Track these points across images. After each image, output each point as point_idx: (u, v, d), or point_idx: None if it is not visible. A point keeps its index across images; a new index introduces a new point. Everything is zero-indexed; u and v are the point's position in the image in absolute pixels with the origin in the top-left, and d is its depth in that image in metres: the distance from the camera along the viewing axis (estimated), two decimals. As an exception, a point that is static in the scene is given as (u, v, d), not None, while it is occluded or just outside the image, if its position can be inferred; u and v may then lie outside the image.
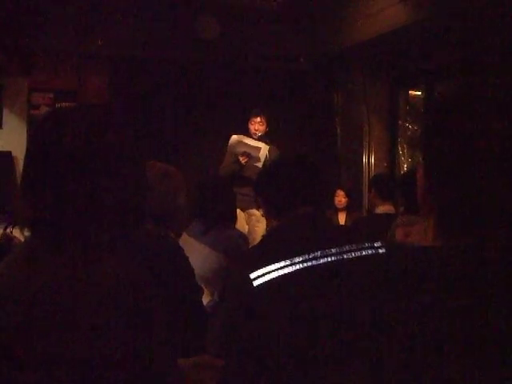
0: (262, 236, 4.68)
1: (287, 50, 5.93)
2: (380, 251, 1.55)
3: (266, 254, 1.57)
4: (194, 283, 2.08)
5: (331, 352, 0.54)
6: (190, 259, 2.08)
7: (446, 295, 0.54)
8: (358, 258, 1.46)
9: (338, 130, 6.29)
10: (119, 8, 5.34)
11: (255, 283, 1.47)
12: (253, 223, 5.03)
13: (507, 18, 3.69)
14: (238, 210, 3.85)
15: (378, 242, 1.58)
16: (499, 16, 3.75)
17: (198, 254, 2.65)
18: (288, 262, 1.48)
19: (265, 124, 5.11)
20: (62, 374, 0.90)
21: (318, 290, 1.22)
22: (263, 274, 1.47)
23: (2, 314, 0.93)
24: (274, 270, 1.47)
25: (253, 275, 1.48)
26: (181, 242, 2.36)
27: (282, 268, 1.47)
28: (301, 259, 1.47)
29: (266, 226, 4.97)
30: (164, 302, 1.02)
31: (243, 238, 3.04)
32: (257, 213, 5.02)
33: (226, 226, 2.92)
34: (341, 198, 5.51)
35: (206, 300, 2.54)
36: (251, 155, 4.95)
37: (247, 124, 5.14)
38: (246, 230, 4.80)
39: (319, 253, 1.49)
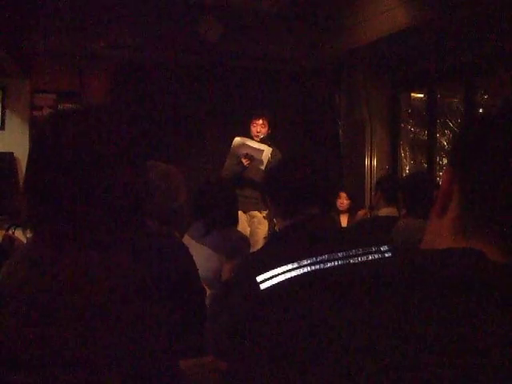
0: (269, 237, 4.68)
1: (289, 53, 5.93)
2: (386, 255, 1.54)
3: (274, 256, 1.56)
4: (198, 283, 2.08)
5: (336, 356, 0.53)
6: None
7: (452, 300, 0.53)
8: (363, 262, 1.45)
9: (340, 133, 6.29)
10: (121, 9, 5.35)
11: (262, 286, 1.46)
12: (255, 225, 5.03)
13: (509, 19, 3.69)
14: (240, 212, 3.85)
15: (384, 245, 1.57)
16: (502, 18, 3.75)
17: (199, 255, 2.64)
18: (296, 265, 1.46)
19: (267, 126, 5.10)
20: (61, 374, 0.89)
21: (323, 295, 1.22)
22: (270, 277, 1.46)
23: (4, 314, 0.93)
24: (281, 273, 1.45)
25: (259, 278, 1.47)
26: (182, 244, 2.36)
27: (289, 271, 1.45)
28: (308, 262, 1.46)
29: (269, 227, 5.00)
30: (167, 301, 1.02)
31: (244, 239, 3.04)
32: (258, 215, 5.02)
33: (228, 227, 2.92)
34: (343, 201, 5.51)
35: (206, 301, 2.54)
36: (254, 157, 4.95)
37: (249, 126, 5.13)
38: (248, 232, 4.80)
39: (326, 256, 1.47)
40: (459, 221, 0.61)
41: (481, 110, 4.83)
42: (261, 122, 5.08)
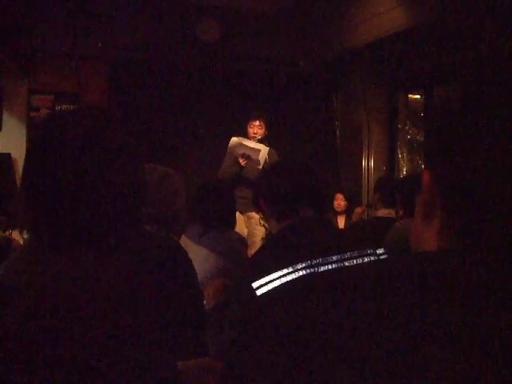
0: (264, 240, 4.68)
1: (287, 54, 5.94)
2: (382, 258, 1.54)
3: (269, 261, 1.56)
4: (196, 285, 2.08)
5: (334, 359, 0.54)
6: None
7: (450, 301, 0.53)
8: (358, 265, 1.45)
9: (338, 134, 6.30)
10: (119, 10, 5.35)
11: (258, 292, 1.45)
12: (252, 226, 5.02)
13: (507, 21, 3.70)
14: (237, 213, 3.85)
15: (380, 248, 1.57)
16: (499, 20, 3.76)
17: (196, 256, 2.64)
18: (291, 269, 1.46)
19: (264, 127, 5.10)
20: (61, 374, 0.90)
21: (318, 299, 1.22)
22: (266, 283, 1.45)
23: (2, 316, 0.93)
24: (276, 278, 1.45)
25: (255, 284, 1.47)
26: (180, 245, 2.36)
27: (284, 275, 1.45)
28: (303, 265, 1.46)
29: (266, 229, 4.99)
30: (164, 303, 1.02)
31: (242, 240, 3.04)
32: (256, 216, 5.00)
33: (225, 228, 2.91)
34: (340, 202, 5.51)
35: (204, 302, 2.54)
36: (251, 157, 4.94)
37: (246, 127, 5.13)
38: (245, 233, 4.80)
39: (320, 260, 1.47)
40: (445, 230, 0.60)
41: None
42: (258, 123, 5.08)
